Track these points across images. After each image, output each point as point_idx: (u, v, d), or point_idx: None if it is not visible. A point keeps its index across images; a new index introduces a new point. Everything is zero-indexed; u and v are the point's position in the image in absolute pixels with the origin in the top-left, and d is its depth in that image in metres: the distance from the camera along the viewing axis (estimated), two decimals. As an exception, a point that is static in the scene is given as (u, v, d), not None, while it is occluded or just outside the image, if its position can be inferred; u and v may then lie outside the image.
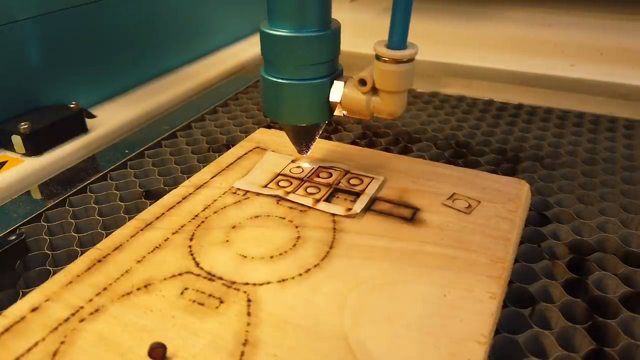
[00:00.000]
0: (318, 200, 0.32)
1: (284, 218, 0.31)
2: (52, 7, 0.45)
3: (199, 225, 0.30)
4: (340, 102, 0.32)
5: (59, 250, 0.32)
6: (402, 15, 0.28)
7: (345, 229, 0.29)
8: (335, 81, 0.32)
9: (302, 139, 0.34)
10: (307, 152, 0.35)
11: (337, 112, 0.32)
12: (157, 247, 0.28)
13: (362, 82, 0.31)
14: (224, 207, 0.32)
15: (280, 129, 0.39)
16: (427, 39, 0.69)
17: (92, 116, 0.48)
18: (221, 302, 0.25)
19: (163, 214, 0.31)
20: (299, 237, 0.29)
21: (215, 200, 0.32)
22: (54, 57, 0.46)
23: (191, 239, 0.29)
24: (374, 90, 0.31)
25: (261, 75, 0.32)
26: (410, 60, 0.29)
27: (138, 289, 0.25)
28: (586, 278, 0.29)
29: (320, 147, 0.38)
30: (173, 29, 0.60)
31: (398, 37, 0.29)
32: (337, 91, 0.32)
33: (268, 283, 0.26)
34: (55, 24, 0.46)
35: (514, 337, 0.25)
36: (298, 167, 0.35)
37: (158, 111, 0.52)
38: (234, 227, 0.30)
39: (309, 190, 0.33)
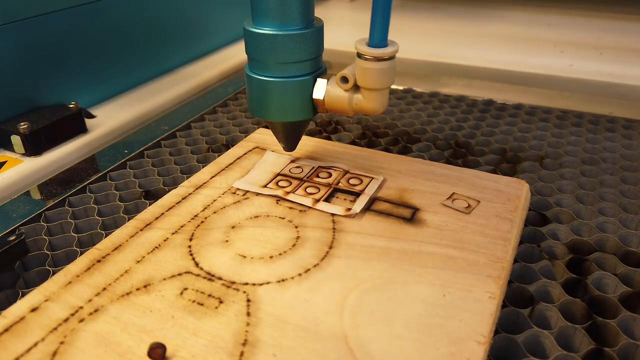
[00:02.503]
0: (317, 200, 0.32)
1: (284, 218, 0.31)
2: (52, 7, 0.45)
3: (198, 226, 0.30)
4: (323, 100, 0.32)
5: (59, 251, 0.32)
6: (382, 14, 0.28)
7: (344, 229, 0.29)
8: (318, 79, 0.32)
9: (288, 136, 0.34)
10: (293, 149, 0.35)
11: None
12: (156, 247, 0.28)
13: (344, 80, 0.31)
14: (224, 207, 0.32)
15: (267, 127, 0.39)
16: (427, 38, 0.69)
17: (91, 116, 0.49)
18: (220, 302, 0.25)
19: (162, 214, 0.31)
20: (298, 237, 0.29)
21: (214, 201, 0.32)
22: (54, 57, 0.46)
23: (191, 239, 0.29)
24: (356, 88, 0.31)
25: (245, 73, 0.33)
26: (391, 58, 0.29)
27: (137, 289, 0.25)
28: (585, 278, 0.29)
29: (320, 147, 0.38)
30: (173, 29, 0.60)
31: (379, 35, 0.29)
32: (320, 89, 0.32)
33: (267, 283, 0.26)
34: (55, 24, 0.46)
35: (514, 337, 0.25)
36: (298, 167, 0.35)
37: (158, 111, 0.52)
38: (233, 227, 0.30)
39: (308, 190, 0.33)
